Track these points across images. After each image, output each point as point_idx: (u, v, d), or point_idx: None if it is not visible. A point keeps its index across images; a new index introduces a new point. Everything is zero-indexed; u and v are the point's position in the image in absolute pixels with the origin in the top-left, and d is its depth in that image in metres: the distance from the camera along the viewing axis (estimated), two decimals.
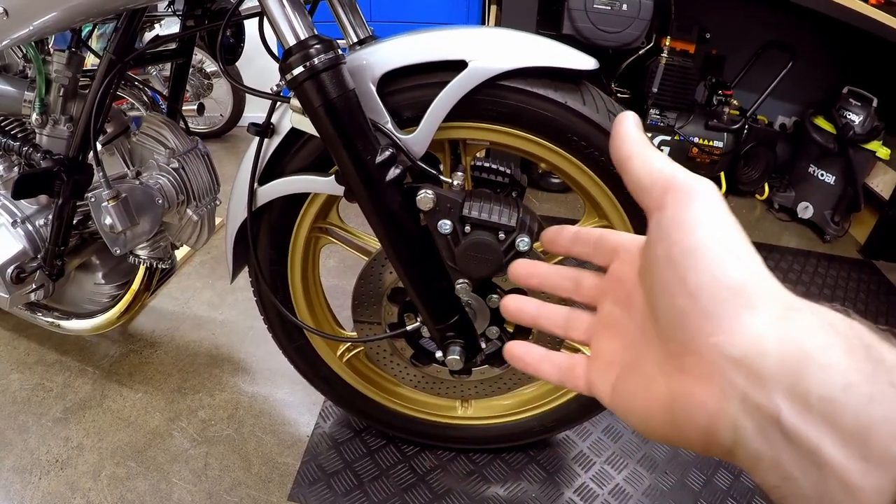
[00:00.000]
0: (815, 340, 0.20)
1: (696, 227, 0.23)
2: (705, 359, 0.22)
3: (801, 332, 0.20)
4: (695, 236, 0.23)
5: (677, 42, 2.04)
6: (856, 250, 2.12)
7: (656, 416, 0.24)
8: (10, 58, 1.01)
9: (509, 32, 0.70)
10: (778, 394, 0.20)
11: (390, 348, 0.92)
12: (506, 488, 1.03)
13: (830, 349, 0.19)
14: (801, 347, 0.20)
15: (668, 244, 0.23)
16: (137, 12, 0.84)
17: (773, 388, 0.20)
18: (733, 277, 0.22)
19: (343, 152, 0.65)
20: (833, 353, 0.19)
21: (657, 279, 0.24)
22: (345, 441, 1.10)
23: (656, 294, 0.24)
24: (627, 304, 0.28)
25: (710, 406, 0.22)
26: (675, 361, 0.23)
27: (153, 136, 0.96)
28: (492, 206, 0.68)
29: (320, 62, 0.61)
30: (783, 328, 0.21)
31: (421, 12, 2.07)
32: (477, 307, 0.83)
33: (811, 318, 0.21)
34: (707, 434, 0.22)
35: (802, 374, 0.19)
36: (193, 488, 1.00)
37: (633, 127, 0.27)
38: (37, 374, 1.23)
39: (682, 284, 0.22)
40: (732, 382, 0.21)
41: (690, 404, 0.22)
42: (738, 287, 0.21)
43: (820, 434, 0.19)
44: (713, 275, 0.22)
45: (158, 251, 1.05)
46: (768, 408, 0.20)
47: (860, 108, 2.01)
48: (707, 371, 0.22)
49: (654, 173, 0.25)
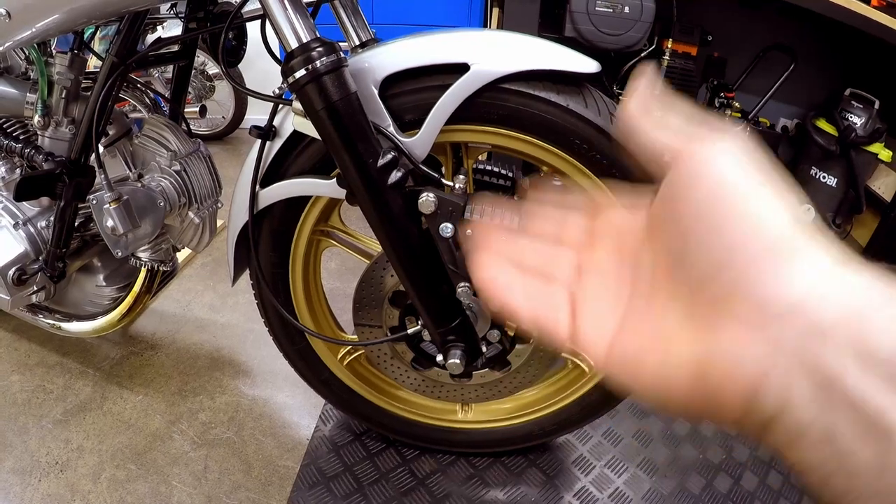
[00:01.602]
0: (876, 294, 0.18)
1: (725, 174, 0.20)
2: (754, 306, 0.19)
3: (860, 284, 0.18)
4: (726, 183, 0.20)
5: (679, 44, 2.04)
6: (858, 253, 2.11)
7: (680, 380, 0.21)
8: (13, 60, 1.02)
9: (511, 35, 0.70)
10: (842, 350, 0.17)
11: (391, 352, 0.92)
12: (506, 492, 1.03)
13: (891, 306, 0.17)
14: (862, 300, 0.17)
15: (696, 193, 0.21)
16: (140, 14, 0.84)
17: (836, 342, 0.17)
18: (774, 228, 0.19)
19: (345, 155, 0.65)
20: (895, 310, 0.17)
21: (685, 231, 0.21)
22: (345, 444, 1.10)
23: (686, 247, 0.21)
24: (625, 262, 0.25)
25: (761, 360, 0.18)
26: (711, 313, 0.20)
27: (155, 138, 0.96)
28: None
29: (322, 65, 0.61)
30: (839, 279, 0.18)
31: (423, 15, 2.07)
32: (478, 311, 0.83)
33: (867, 272, 0.18)
34: (749, 398, 0.19)
35: (865, 329, 0.17)
36: (193, 491, 1.00)
37: (645, 89, 0.24)
38: (37, 376, 1.23)
39: (718, 235, 0.20)
40: (787, 334, 0.18)
41: (733, 360, 0.19)
42: (780, 238, 0.19)
43: (888, 398, 0.16)
44: (751, 224, 0.19)
45: (160, 253, 1.05)
46: (830, 365, 0.17)
47: (862, 111, 2.00)
48: (757, 319, 0.19)
49: (669, 133, 0.22)
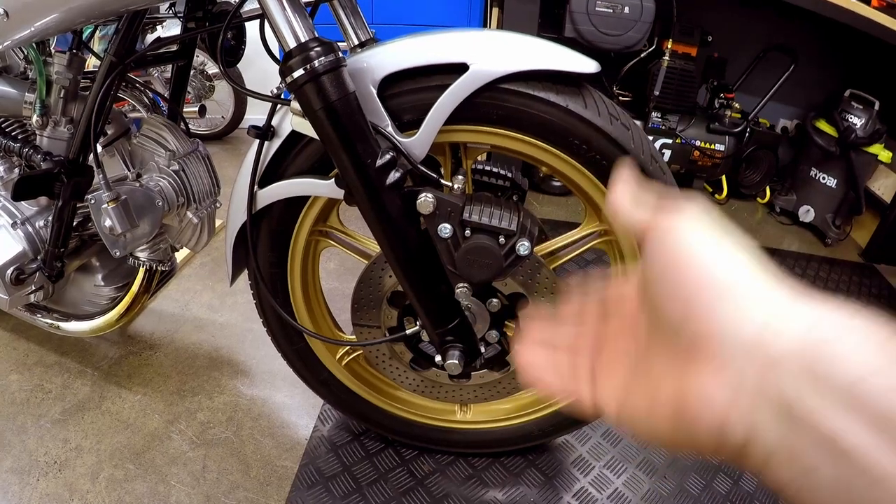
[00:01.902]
0: (828, 325, 0.19)
1: (682, 238, 0.24)
2: (714, 349, 0.21)
3: (811, 318, 0.20)
4: (682, 246, 0.23)
5: (679, 45, 2.04)
6: (857, 254, 2.11)
7: (664, 420, 0.24)
8: (11, 59, 1.01)
9: (510, 35, 0.70)
10: (796, 377, 0.19)
11: (389, 352, 0.92)
12: (504, 492, 1.03)
13: (849, 334, 0.19)
14: (815, 333, 0.19)
15: (661, 258, 0.24)
16: (138, 14, 0.84)
17: (791, 371, 0.19)
18: (728, 273, 0.22)
19: (343, 155, 0.65)
20: (853, 338, 0.18)
21: (657, 292, 0.24)
22: (343, 444, 1.09)
23: (659, 305, 0.24)
24: (630, 332, 0.28)
25: (722, 398, 0.21)
26: (683, 359, 0.23)
27: (154, 138, 0.96)
28: (492, 210, 0.68)
29: (321, 65, 0.61)
30: (791, 315, 0.20)
31: (423, 15, 2.07)
32: (476, 311, 0.83)
33: (818, 306, 0.20)
34: (719, 431, 0.21)
35: (821, 357, 0.18)
36: (191, 491, 1.00)
37: (626, 180, 0.28)
38: (36, 376, 1.23)
39: (682, 288, 0.23)
40: (744, 370, 0.20)
41: (700, 400, 0.22)
42: (735, 282, 0.22)
43: (844, 420, 0.18)
44: (707, 274, 0.22)
45: (158, 253, 1.04)
46: (786, 393, 0.19)
47: (862, 111, 2.00)
48: (718, 361, 0.21)
49: (639, 215, 0.26)
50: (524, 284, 0.81)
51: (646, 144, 0.74)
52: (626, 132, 0.72)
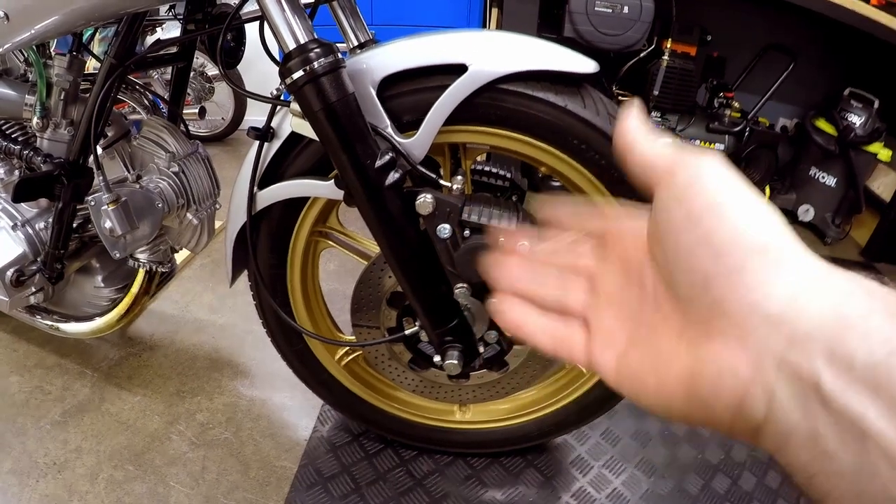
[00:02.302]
0: (854, 303, 0.19)
1: (712, 186, 0.22)
2: (737, 319, 0.20)
3: (839, 294, 0.19)
4: (713, 194, 0.22)
5: (678, 44, 2.04)
6: (857, 253, 2.11)
7: (677, 392, 0.22)
8: (12, 61, 1.02)
9: (509, 35, 0.70)
10: (819, 357, 0.18)
11: (389, 352, 0.92)
12: (504, 492, 1.03)
13: (872, 314, 0.18)
14: (841, 310, 0.19)
15: (686, 205, 0.22)
16: (138, 16, 0.84)
17: (814, 350, 0.18)
18: (761, 233, 0.21)
19: (343, 156, 0.65)
20: (875, 318, 0.18)
21: (676, 243, 0.22)
22: (342, 445, 1.10)
23: (678, 259, 0.22)
24: (632, 279, 0.26)
25: (743, 372, 0.20)
26: (699, 328, 0.22)
27: (153, 139, 0.96)
28: (491, 211, 0.68)
29: (320, 66, 0.61)
30: (819, 289, 0.19)
31: (422, 16, 2.07)
32: (475, 311, 0.83)
33: (846, 281, 0.20)
34: (737, 406, 0.20)
35: (844, 337, 0.18)
36: (191, 492, 1.00)
37: (638, 114, 0.26)
38: (36, 377, 1.23)
39: (707, 244, 0.21)
40: (768, 344, 0.19)
41: (719, 372, 0.21)
42: (767, 244, 0.20)
43: (864, 402, 0.17)
44: (739, 231, 0.21)
45: (158, 255, 1.05)
46: (808, 372, 0.18)
47: (861, 110, 2.00)
48: (739, 332, 0.20)
49: (660, 149, 0.24)
50: None
51: None
52: None
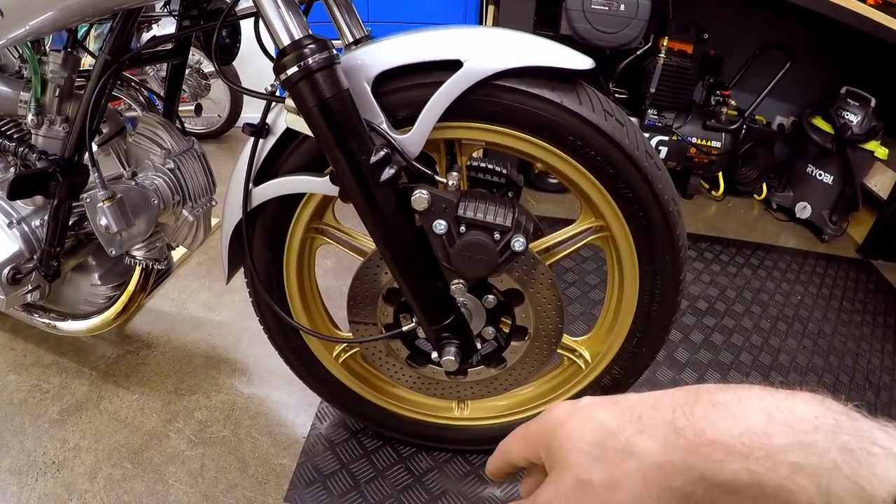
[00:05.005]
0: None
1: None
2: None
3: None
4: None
5: (675, 42, 2.04)
6: (854, 250, 2.12)
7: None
8: (6, 58, 1.01)
9: (505, 32, 0.70)
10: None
11: (386, 349, 0.92)
12: (502, 489, 1.03)
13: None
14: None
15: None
16: (133, 12, 0.83)
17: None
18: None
19: (337, 152, 0.65)
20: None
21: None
22: (341, 442, 1.10)
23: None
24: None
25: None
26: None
27: (149, 136, 0.96)
28: (487, 207, 0.68)
29: (314, 62, 0.61)
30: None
31: (418, 12, 2.07)
32: (472, 308, 0.83)
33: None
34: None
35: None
36: (190, 490, 1.00)
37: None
38: (34, 376, 1.22)
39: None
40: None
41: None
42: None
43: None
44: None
45: (154, 252, 1.04)
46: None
47: (858, 108, 2.01)
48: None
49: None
50: (520, 281, 0.81)
51: (640, 140, 0.74)
52: (620, 128, 0.72)
